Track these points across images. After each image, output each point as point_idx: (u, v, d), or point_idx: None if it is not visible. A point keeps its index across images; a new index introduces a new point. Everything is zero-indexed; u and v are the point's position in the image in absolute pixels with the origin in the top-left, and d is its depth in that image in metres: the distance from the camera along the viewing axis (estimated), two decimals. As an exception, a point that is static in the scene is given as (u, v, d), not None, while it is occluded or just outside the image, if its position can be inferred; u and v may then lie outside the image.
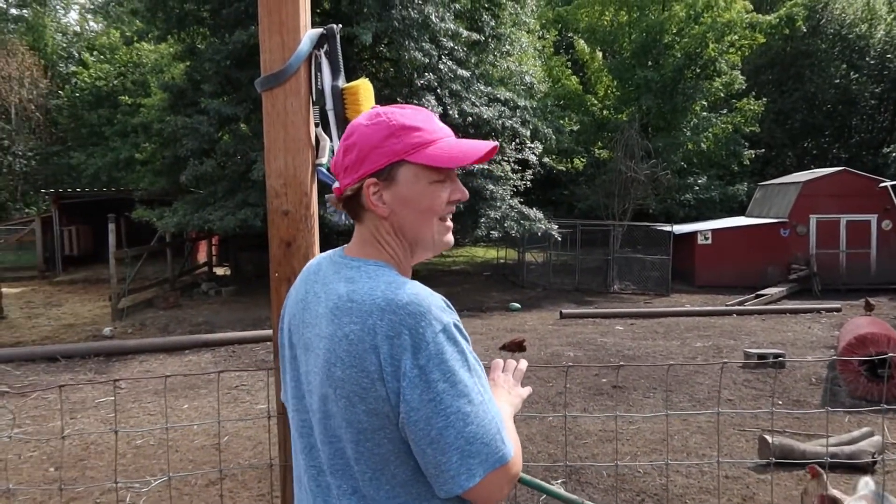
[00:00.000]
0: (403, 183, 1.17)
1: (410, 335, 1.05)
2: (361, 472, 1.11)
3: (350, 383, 1.08)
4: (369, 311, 1.08)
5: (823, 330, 10.89)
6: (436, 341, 1.05)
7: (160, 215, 13.40)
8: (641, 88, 22.26)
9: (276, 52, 1.69)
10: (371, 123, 1.19)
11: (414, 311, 1.06)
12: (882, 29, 27.66)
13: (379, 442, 1.09)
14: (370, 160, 1.17)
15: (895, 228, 16.87)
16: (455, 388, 1.04)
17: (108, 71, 23.97)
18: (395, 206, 1.18)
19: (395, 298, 1.08)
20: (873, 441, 5.10)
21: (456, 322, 1.10)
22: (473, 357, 1.11)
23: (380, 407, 1.07)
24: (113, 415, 6.59)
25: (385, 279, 1.13)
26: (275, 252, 1.74)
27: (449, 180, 1.22)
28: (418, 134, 1.17)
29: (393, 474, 1.11)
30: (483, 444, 1.04)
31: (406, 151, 1.16)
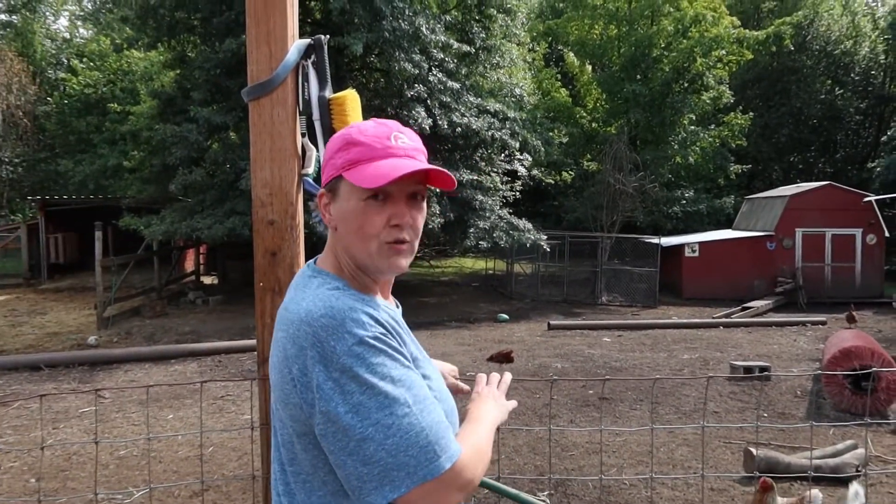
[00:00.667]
0: (342, 198, 1.18)
1: (322, 347, 1.05)
2: (294, 474, 1.13)
3: (278, 388, 1.12)
4: (292, 321, 1.10)
5: (809, 343, 10.97)
6: (349, 354, 1.04)
7: (148, 223, 13.33)
8: (630, 102, 22.44)
9: (263, 63, 1.70)
10: (338, 135, 1.22)
11: (326, 324, 1.06)
12: (866, 46, 28.08)
13: (305, 447, 1.10)
14: (326, 171, 1.22)
15: (879, 243, 17.06)
16: (374, 399, 1.03)
17: (98, 78, 23.85)
18: (337, 220, 1.20)
19: (313, 310, 1.08)
20: (857, 454, 5.13)
21: (378, 335, 1.08)
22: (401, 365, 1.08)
23: (297, 414, 1.08)
24: (96, 425, 6.52)
25: (318, 291, 1.13)
26: (259, 262, 1.74)
27: (390, 202, 1.16)
28: (358, 150, 1.16)
29: (323, 481, 1.11)
30: (408, 457, 1.02)
31: (343, 167, 1.16)
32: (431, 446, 1.04)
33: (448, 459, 1.05)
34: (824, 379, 6.90)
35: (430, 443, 1.04)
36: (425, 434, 1.04)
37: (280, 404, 1.12)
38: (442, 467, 1.03)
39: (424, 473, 1.02)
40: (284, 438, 1.14)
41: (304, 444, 1.10)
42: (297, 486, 1.13)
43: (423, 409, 1.06)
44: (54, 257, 18.83)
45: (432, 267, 23.61)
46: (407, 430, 1.03)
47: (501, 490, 1.75)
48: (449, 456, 1.05)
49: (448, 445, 1.06)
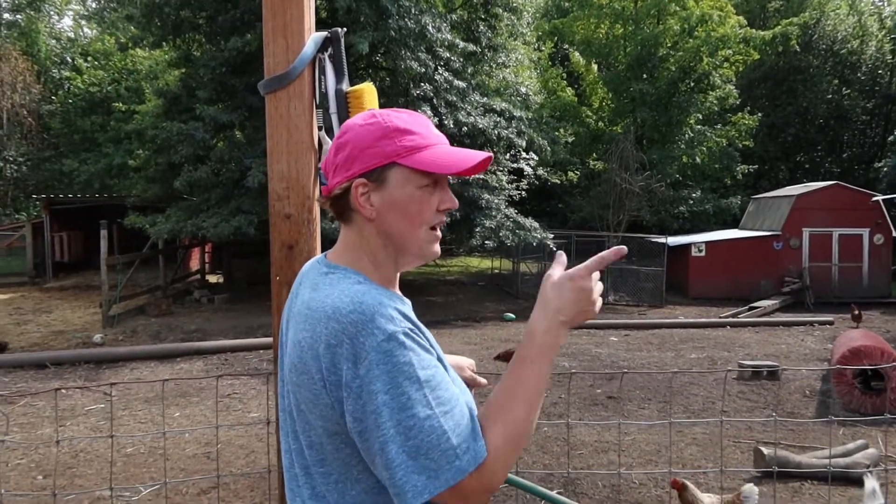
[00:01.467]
0: (393, 186, 1.14)
1: (351, 344, 1.02)
2: (325, 475, 1.10)
3: (303, 389, 1.09)
4: (318, 319, 1.07)
5: (816, 342, 10.91)
6: (378, 350, 1.01)
7: (153, 222, 13.34)
8: (636, 101, 22.40)
9: (279, 55, 1.68)
10: (366, 123, 1.17)
11: (356, 319, 1.03)
12: (873, 45, 27.97)
13: (337, 447, 1.08)
14: (361, 160, 1.14)
15: (887, 242, 16.98)
16: (397, 399, 1.00)
17: (102, 77, 23.91)
18: (383, 209, 1.15)
19: (341, 306, 1.06)
20: (868, 453, 5.09)
21: (407, 330, 1.05)
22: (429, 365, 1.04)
23: (329, 413, 1.06)
24: (103, 422, 6.52)
25: (342, 286, 1.11)
26: (276, 255, 1.72)
27: (439, 188, 1.18)
28: (412, 137, 1.15)
29: (357, 479, 1.09)
30: (429, 460, 0.99)
31: (398, 154, 1.13)
32: (454, 450, 1.00)
33: (471, 462, 1.01)
34: (834, 378, 6.86)
35: (452, 447, 1.00)
36: (447, 437, 1.00)
37: (307, 405, 1.09)
38: (465, 471, 1.01)
39: (447, 478, 1.00)
40: (312, 440, 1.11)
41: (335, 443, 1.08)
42: (329, 487, 1.10)
43: (447, 411, 1.02)
44: (59, 256, 18.87)
45: (438, 266, 23.60)
46: (429, 432, 1.00)
47: (529, 488, 1.73)
48: (472, 458, 1.02)
49: (472, 448, 1.02)
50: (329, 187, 1.19)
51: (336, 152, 1.18)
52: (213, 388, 7.74)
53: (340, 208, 1.19)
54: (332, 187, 1.18)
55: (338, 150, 1.18)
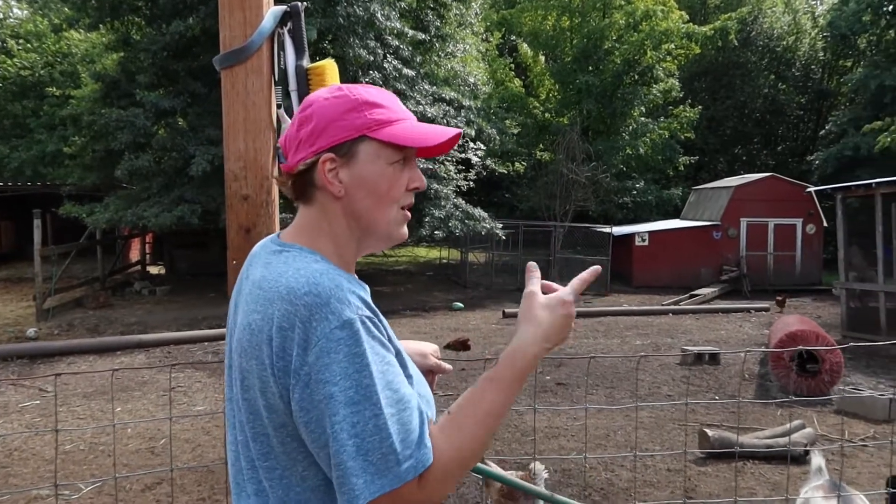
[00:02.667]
0: (363, 161, 1.08)
1: (303, 328, 0.95)
2: (269, 469, 1.03)
3: (251, 375, 1.01)
4: (270, 300, 1.00)
5: (753, 328, 11.34)
6: (328, 337, 0.94)
7: (90, 211, 12.83)
8: (582, 93, 22.72)
9: (236, 29, 1.61)
10: (332, 96, 1.09)
11: (310, 301, 0.96)
12: (806, 42, 29.09)
13: (283, 440, 1.01)
14: (328, 134, 1.07)
15: (818, 232, 17.75)
16: (345, 392, 0.93)
17: (35, 60, 22.76)
18: (352, 186, 1.08)
19: (295, 287, 0.98)
20: (805, 433, 5.32)
21: (364, 318, 0.98)
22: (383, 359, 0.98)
23: (276, 403, 0.99)
24: (38, 419, 6.26)
25: (297, 265, 1.03)
26: (233, 238, 1.66)
27: (409, 165, 1.12)
28: (381, 111, 1.09)
29: (302, 476, 1.02)
30: (367, 463, 0.93)
31: (368, 127, 1.07)
32: (396, 455, 0.94)
33: (412, 470, 0.94)
34: (772, 362, 7.14)
35: (394, 450, 0.94)
36: (391, 440, 0.94)
37: (255, 393, 1.01)
38: (403, 478, 0.94)
39: (385, 483, 0.93)
40: (257, 431, 1.03)
41: (281, 436, 1.01)
42: (273, 482, 1.03)
43: (396, 412, 0.96)
44: (-11, 246, 17.98)
45: (386, 256, 23.48)
46: (373, 432, 0.93)
47: (497, 476, 1.73)
48: (414, 466, 0.95)
49: (416, 455, 0.95)
50: (291, 164, 1.10)
51: (299, 126, 1.10)
52: (155, 382, 7.52)
53: (302, 187, 1.11)
54: (294, 164, 1.09)
55: (301, 123, 1.10)
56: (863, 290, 10.61)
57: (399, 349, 1.08)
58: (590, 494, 4.48)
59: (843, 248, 10.68)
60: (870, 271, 11.02)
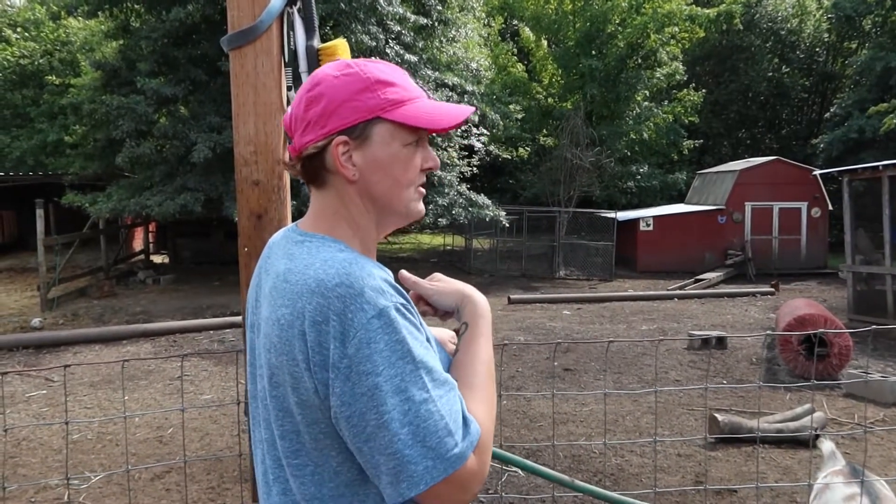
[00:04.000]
0: (377, 143, 1.04)
1: (339, 321, 0.92)
2: (299, 467, 1.00)
3: (282, 371, 0.98)
4: (300, 293, 0.97)
5: (759, 312, 11.30)
6: (367, 328, 0.92)
7: (93, 200, 12.80)
8: (585, 77, 22.54)
9: (245, 8, 1.56)
10: (342, 74, 1.04)
11: (343, 293, 0.93)
12: (811, 25, 28.79)
13: (315, 436, 0.98)
14: (339, 115, 1.02)
15: (823, 216, 17.66)
16: (391, 381, 0.91)
17: (34, 48, 22.62)
18: (366, 169, 1.04)
19: (326, 279, 0.95)
20: (815, 417, 5.29)
21: (399, 305, 0.96)
22: (422, 344, 0.97)
23: (310, 398, 0.96)
24: (45, 409, 6.26)
25: (323, 256, 1.00)
26: (244, 225, 1.62)
27: (422, 146, 1.09)
28: (395, 90, 1.04)
29: (336, 472, 0.99)
30: (426, 448, 0.91)
31: (382, 108, 1.03)
32: (452, 436, 0.93)
33: (470, 446, 0.95)
34: (780, 346, 7.10)
35: (450, 432, 0.93)
36: (445, 422, 0.93)
37: (286, 389, 0.98)
38: (465, 456, 0.94)
39: (448, 464, 0.92)
40: (286, 429, 1.00)
41: (313, 433, 0.98)
42: (304, 480, 1.00)
43: (442, 395, 0.95)
44: (-8, 237, 17.98)
45: (390, 243, 23.45)
46: (426, 416, 0.92)
47: (513, 460, 1.69)
48: (471, 442, 0.95)
49: (469, 431, 0.96)
50: (299, 146, 1.05)
51: (307, 106, 1.04)
52: (162, 371, 7.52)
53: (313, 170, 1.06)
54: (302, 146, 1.04)
55: (309, 103, 1.04)
56: (869, 273, 10.55)
57: (429, 334, 1.06)
58: (601, 480, 4.46)
59: (850, 231, 10.61)
60: (876, 254, 10.96)
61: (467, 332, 1.12)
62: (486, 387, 1.06)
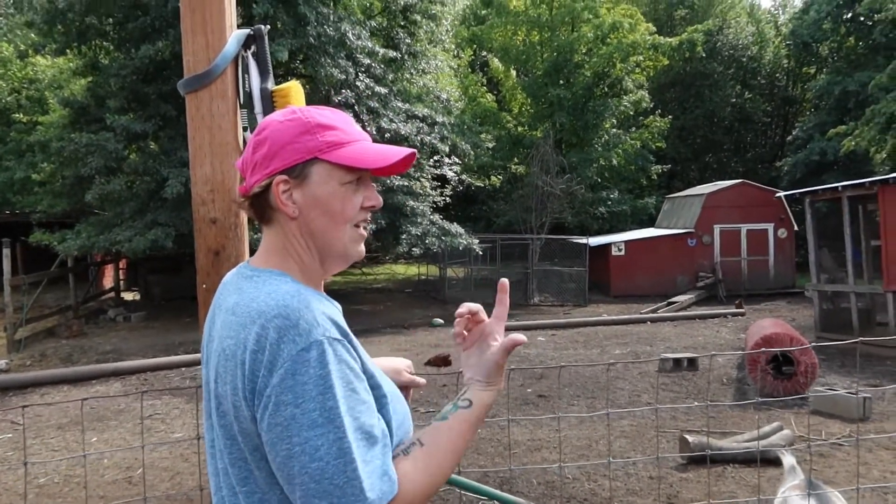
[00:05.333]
0: (315, 182, 1.10)
1: (270, 350, 0.96)
2: (249, 494, 1.03)
3: (227, 400, 1.02)
4: (243, 324, 1.01)
5: (730, 333, 11.47)
6: (295, 360, 0.94)
7: (62, 238, 12.64)
8: (554, 106, 22.96)
9: (200, 53, 1.62)
10: (285, 119, 1.12)
11: (279, 324, 0.97)
12: (770, 51, 29.76)
13: (258, 464, 1.01)
14: (281, 156, 1.09)
15: (789, 236, 18.06)
16: (308, 415, 0.93)
17: (1, 87, 22.47)
18: (305, 207, 1.11)
19: (266, 310, 0.99)
20: (783, 434, 5.38)
21: (332, 339, 0.99)
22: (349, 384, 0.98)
23: (249, 427, 0.99)
24: (11, 453, 6.11)
25: (268, 289, 1.04)
26: (202, 262, 1.65)
27: (363, 185, 1.15)
28: (334, 133, 1.11)
29: (280, 499, 1.01)
30: (333, 486, 0.92)
31: (320, 149, 1.09)
32: (360, 482, 0.93)
33: (381, 498, 0.94)
34: (748, 366, 7.22)
35: (358, 477, 0.93)
36: (355, 465, 0.93)
37: (230, 418, 1.02)
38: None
39: None
40: (235, 457, 1.03)
41: (256, 460, 1.01)
42: None
43: (362, 437, 0.96)
44: (-43, 278, 17.55)
45: (364, 274, 23.41)
46: (336, 455, 0.93)
47: (473, 487, 1.73)
48: (381, 494, 0.94)
49: (382, 483, 0.95)
50: (247, 186, 1.13)
51: (254, 149, 1.12)
52: (132, 410, 7.39)
53: (260, 208, 1.13)
54: (250, 186, 1.12)
55: (256, 147, 1.12)
56: (834, 292, 10.80)
57: (372, 372, 1.08)
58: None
59: (814, 250, 10.88)
60: (840, 272, 11.24)
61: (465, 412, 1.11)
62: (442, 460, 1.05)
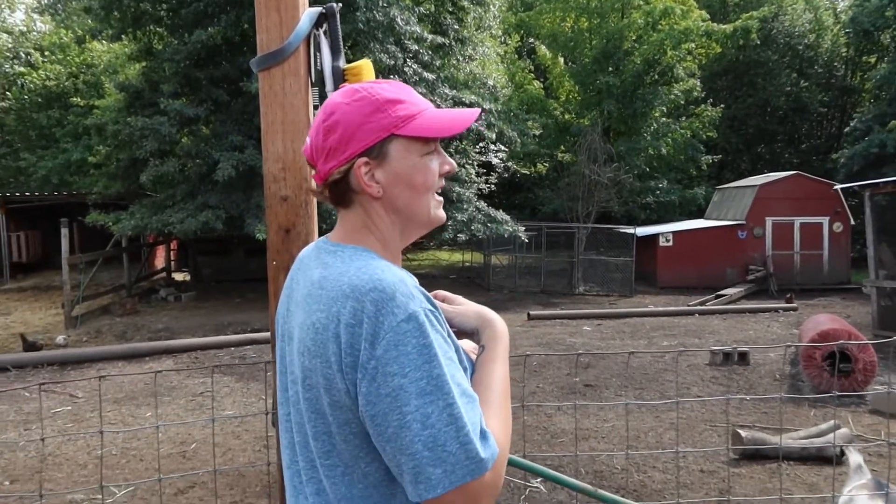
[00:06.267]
0: (396, 159, 1.10)
1: (370, 323, 0.96)
2: (331, 467, 1.04)
3: (315, 374, 1.02)
4: (335, 298, 1.01)
5: (782, 328, 11.17)
6: (396, 331, 0.95)
7: (116, 219, 13.01)
8: (602, 93, 22.57)
9: (273, 31, 1.62)
10: (352, 101, 1.11)
11: (376, 297, 0.98)
12: (829, 39, 28.65)
13: (346, 437, 1.02)
14: (357, 139, 1.09)
15: (845, 230, 17.45)
16: (416, 384, 0.94)
17: (59, 71, 23.19)
18: (389, 185, 1.11)
19: (360, 284, 1.00)
20: (840, 433, 5.21)
21: (428, 310, 1.00)
22: (448, 353, 1.00)
23: (342, 399, 1.00)
24: (70, 425, 6.34)
25: (358, 263, 1.05)
26: (273, 239, 1.67)
27: (437, 152, 1.15)
28: (403, 106, 1.11)
29: (364, 472, 1.03)
30: (446, 453, 0.93)
31: (395, 125, 1.09)
32: (473, 445, 0.94)
33: (490, 458, 0.96)
34: (803, 361, 7.01)
35: (471, 440, 0.94)
36: (466, 430, 0.94)
37: (319, 391, 1.02)
38: (485, 467, 0.95)
39: (465, 473, 0.94)
40: (318, 430, 1.04)
41: (344, 433, 1.02)
42: (335, 480, 1.04)
43: (465, 403, 0.97)
44: (17, 256, 18.29)
45: (409, 260, 23.53)
46: (448, 422, 0.94)
47: (535, 469, 1.71)
48: (491, 454, 0.97)
49: (488, 443, 0.97)
50: (324, 173, 1.11)
51: (325, 136, 1.11)
52: (184, 388, 7.60)
53: (340, 192, 1.13)
54: (327, 173, 1.11)
55: (327, 132, 1.10)
56: (893, 288, 10.40)
57: (458, 345, 1.09)
58: (623, 496, 4.42)
59: (873, 245, 10.48)
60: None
61: (484, 353, 1.16)
62: (501, 406, 1.08)
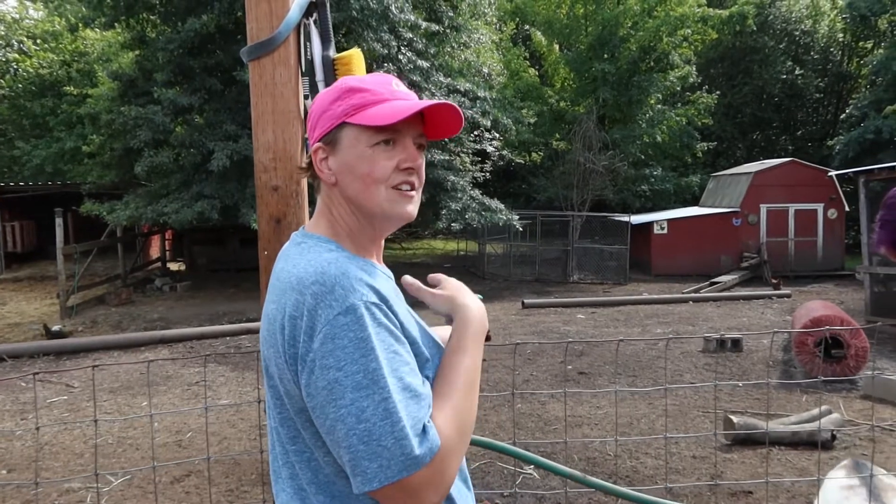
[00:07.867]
0: (345, 147, 1.11)
1: (308, 316, 0.97)
2: (298, 452, 1.06)
3: (271, 363, 1.06)
4: (283, 290, 1.04)
5: (776, 315, 11.23)
6: (332, 324, 0.96)
7: (111, 209, 12.98)
8: (598, 81, 22.50)
9: (263, 20, 1.62)
10: (329, 90, 1.16)
11: (316, 290, 0.99)
12: (825, 25, 28.58)
13: (304, 424, 1.04)
14: (319, 125, 1.13)
15: (840, 217, 17.50)
16: (352, 377, 0.94)
17: (53, 60, 23.04)
18: (339, 172, 1.12)
19: (304, 277, 1.01)
20: (832, 419, 5.27)
21: (370, 303, 0.99)
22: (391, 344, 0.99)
23: (293, 389, 1.02)
24: (66, 414, 6.35)
25: (309, 256, 1.06)
26: (264, 229, 1.68)
27: (398, 146, 1.11)
28: (361, 95, 1.10)
29: (325, 460, 1.04)
30: (381, 447, 0.93)
31: (346, 113, 1.10)
32: (409, 440, 0.93)
33: (427, 454, 0.95)
34: (796, 347, 7.06)
35: (406, 435, 0.93)
36: (402, 425, 0.93)
37: (276, 380, 1.05)
38: (420, 463, 0.94)
39: (399, 469, 0.93)
40: (283, 416, 1.07)
41: (301, 420, 1.04)
42: (302, 466, 1.06)
43: (405, 397, 0.96)
44: (11, 246, 18.25)
45: (403, 249, 23.53)
46: (383, 416, 0.93)
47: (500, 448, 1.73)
48: (429, 450, 0.95)
49: (426, 437, 0.96)
50: None
51: (308, 120, 1.18)
52: (180, 377, 7.61)
53: (313, 177, 1.18)
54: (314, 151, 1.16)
55: (308, 118, 1.18)
56: (887, 275, 10.45)
57: (414, 338, 1.08)
58: (615, 482, 4.46)
59: (867, 232, 10.52)
60: (894, 255, 10.82)
61: (450, 342, 1.14)
62: (459, 398, 1.06)
